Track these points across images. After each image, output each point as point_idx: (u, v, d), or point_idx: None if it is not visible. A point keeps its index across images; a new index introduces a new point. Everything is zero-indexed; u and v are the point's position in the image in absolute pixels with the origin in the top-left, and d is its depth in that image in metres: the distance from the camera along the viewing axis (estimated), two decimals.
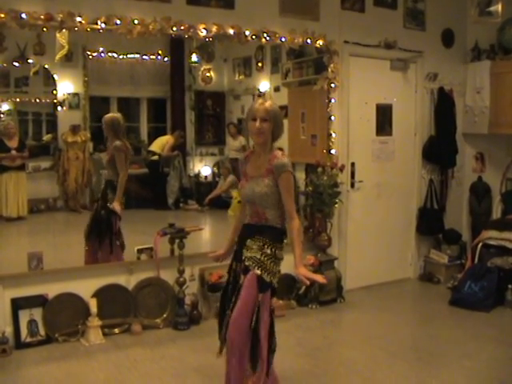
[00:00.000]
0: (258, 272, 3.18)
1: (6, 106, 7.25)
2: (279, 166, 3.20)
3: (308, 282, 3.18)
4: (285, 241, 3.34)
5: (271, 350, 3.29)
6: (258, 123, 3.19)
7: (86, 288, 4.85)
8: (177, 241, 5.18)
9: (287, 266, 3.41)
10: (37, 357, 4.45)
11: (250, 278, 3.21)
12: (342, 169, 5.98)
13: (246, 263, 3.24)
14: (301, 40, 5.64)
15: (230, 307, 3.27)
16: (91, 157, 7.21)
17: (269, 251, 3.23)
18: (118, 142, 5.29)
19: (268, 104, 3.23)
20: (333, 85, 5.93)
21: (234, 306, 3.25)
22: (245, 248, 3.29)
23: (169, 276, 5.21)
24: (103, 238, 5.26)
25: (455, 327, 5.32)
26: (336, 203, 5.93)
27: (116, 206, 5.22)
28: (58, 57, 5.26)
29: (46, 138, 7.57)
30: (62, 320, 4.76)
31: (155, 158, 8.04)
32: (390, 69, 6.48)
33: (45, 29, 4.54)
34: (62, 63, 6.50)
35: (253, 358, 3.19)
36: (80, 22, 4.55)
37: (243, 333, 3.18)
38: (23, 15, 4.35)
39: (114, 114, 5.59)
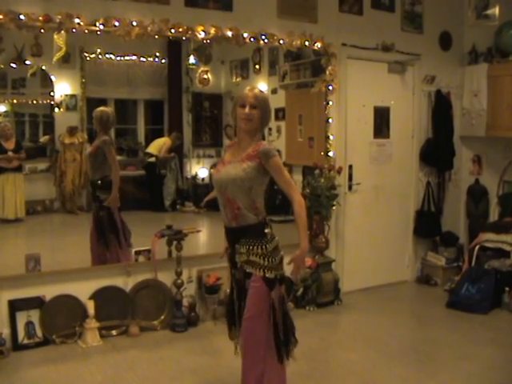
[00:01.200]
0: (261, 273, 3.16)
1: (2, 108, 7.23)
2: (266, 152, 3.14)
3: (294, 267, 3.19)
4: (270, 228, 3.24)
5: (292, 334, 3.33)
6: (247, 109, 3.16)
7: (83, 290, 4.84)
8: (174, 243, 5.18)
9: (284, 268, 3.40)
10: (34, 359, 4.44)
11: (254, 281, 3.18)
12: (339, 171, 5.99)
13: (246, 269, 3.22)
14: (299, 42, 5.64)
15: (242, 308, 3.27)
16: None
17: (259, 250, 3.18)
18: (106, 137, 5.28)
19: (257, 91, 3.24)
20: (330, 87, 5.93)
21: (243, 311, 3.24)
22: (236, 253, 3.26)
23: (166, 278, 5.20)
24: (109, 238, 5.27)
25: (452, 329, 5.32)
26: (333, 205, 5.93)
27: (112, 202, 5.21)
28: (55, 58, 5.26)
29: (43, 139, 7.56)
30: (60, 322, 4.74)
31: (152, 159, 8.03)
32: (387, 71, 6.49)
33: (42, 30, 4.54)
34: (60, 65, 6.50)
35: (279, 351, 3.21)
36: (78, 23, 4.55)
37: (257, 336, 3.18)
38: (21, 16, 4.34)
39: (104, 108, 5.55)
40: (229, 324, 3.48)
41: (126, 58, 7.65)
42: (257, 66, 7.45)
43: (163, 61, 8.00)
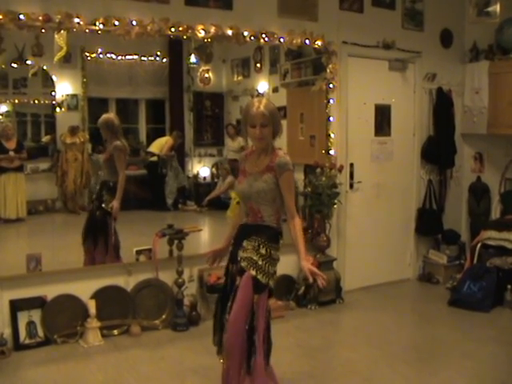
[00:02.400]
0: (253, 273, 3.16)
1: (4, 108, 7.22)
2: (282, 165, 3.19)
3: (311, 279, 3.13)
4: (281, 241, 3.32)
5: (267, 352, 3.27)
6: (257, 130, 3.16)
7: (84, 289, 4.85)
8: (175, 242, 5.18)
9: (286, 267, 3.41)
10: (35, 358, 4.44)
11: (245, 279, 3.19)
12: (340, 169, 5.99)
13: (242, 264, 3.23)
14: (299, 41, 5.64)
15: (228, 311, 3.25)
16: (90, 158, 7.19)
17: (264, 251, 3.21)
18: (118, 142, 5.31)
19: (263, 107, 3.16)
20: (331, 85, 5.93)
21: (230, 308, 3.23)
22: (241, 249, 3.27)
23: (167, 277, 5.21)
24: (98, 239, 5.26)
25: (454, 327, 5.32)
26: (335, 204, 5.93)
27: (115, 205, 5.21)
28: (56, 58, 5.25)
29: (45, 139, 7.56)
30: (61, 321, 4.75)
31: (154, 159, 8.03)
32: (388, 69, 6.48)
33: (43, 30, 4.55)
34: (61, 64, 6.48)
35: (248, 360, 3.18)
36: (78, 23, 4.56)
37: (241, 335, 3.17)
38: (21, 16, 4.35)
39: (107, 115, 5.57)
40: (215, 326, 3.45)
41: (127, 57, 7.65)
42: (258, 65, 7.44)
43: (164, 60, 7.99)
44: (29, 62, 6.51)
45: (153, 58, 7.92)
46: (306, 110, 6.39)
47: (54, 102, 7.12)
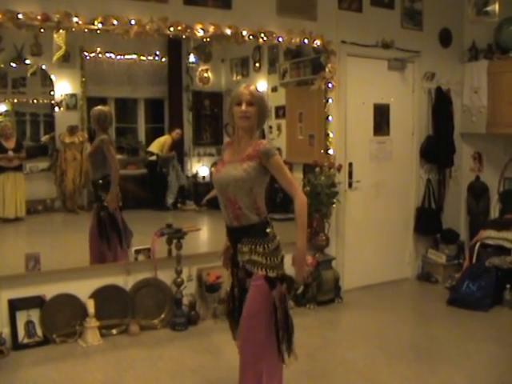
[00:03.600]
0: (262, 272, 3.14)
1: (3, 107, 7.24)
2: (266, 151, 3.11)
3: (294, 267, 3.16)
4: (270, 230, 3.21)
5: (292, 333, 3.32)
6: (243, 107, 3.12)
7: (83, 289, 4.84)
8: (174, 241, 5.18)
9: (284, 266, 3.40)
10: (34, 358, 4.44)
11: (256, 279, 3.16)
12: (339, 169, 5.98)
13: (247, 267, 3.20)
14: (298, 40, 5.64)
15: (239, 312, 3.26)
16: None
17: (261, 249, 3.15)
18: (104, 136, 5.25)
19: (253, 87, 3.20)
20: (330, 85, 5.93)
21: (242, 310, 3.23)
22: (238, 253, 3.24)
23: (166, 276, 5.20)
24: (111, 237, 5.26)
25: (453, 327, 5.32)
26: (334, 203, 5.92)
27: (110, 201, 5.21)
28: (55, 57, 5.27)
29: (44, 138, 7.57)
30: (60, 321, 4.75)
31: (153, 158, 8.04)
32: (387, 69, 6.47)
33: (42, 29, 4.54)
34: (60, 64, 6.49)
35: (280, 350, 3.21)
36: (77, 22, 4.55)
37: (256, 335, 3.15)
38: (20, 15, 4.34)
39: (101, 107, 5.51)
40: (231, 325, 3.45)
41: (126, 56, 7.66)
42: (257, 64, 7.46)
43: (163, 59, 8.01)
44: (28, 62, 6.53)
45: (152, 58, 7.94)
46: (305, 110, 6.40)
47: (52, 102, 7.14)
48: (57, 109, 7.16)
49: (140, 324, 5.03)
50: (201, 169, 8.54)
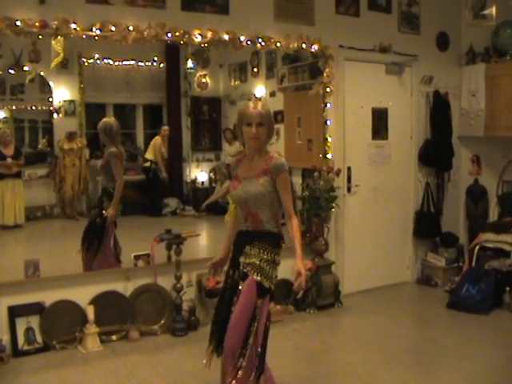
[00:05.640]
0: (258, 278, 3.17)
1: (1, 114, 7.25)
2: (278, 166, 3.21)
3: (294, 279, 3.14)
4: (283, 245, 3.32)
5: (263, 354, 3.24)
6: (253, 129, 3.19)
7: (83, 295, 4.84)
8: (174, 247, 5.18)
9: (285, 271, 3.41)
10: (34, 365, 4.43)
11: (249, 283, 3.19)
12: (338, 173, 5.98)
13: (245, 270, 3.23)
14: (296, 45, 5.66)
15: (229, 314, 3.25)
16: (87, 164, 7.21)
17: (267, 257, 3.22)
18: (113, 149, 5.24)
19: (260, 107, 3.23)
20: (328, 89, 5.94)
21: (232, 312, 3.23)
22: (243, 255, 3.27)
23: (166, 282, 5.20)
24: (98, 246, 5.24)
25: (453, 330, 5.32)
26: (333, 208, 5.93)
27: (110, 213, 5.20)
28: (53, 64, 5.27)
29: (41, 143, 7.57)
30: (60, 327, 4.74)
31: (147, 164, 8.03)
32: (385, 73, 6.48)
33: (40, 36, 4.55)
34: (58, 70, 6.51)
35: (236, 362, 3.16)
36: (75, 28, 4.55)
37: (241, 339, 3.16)
38: (18, 22, 4.35)
39: (107, 119, 5.50)
40: (210, 337, 3.40)
41: (124, 62, 7.68)
42: (255, 69, 7.47)
43: (161, 65, 8.03)
44: (26, 68, 6.54)
45: (150, 64, 7.96)
46: (304, 114, 6.40)
47: (51, 108, 7.14)
48: (55, 115, 7.17)
49: (140, 330, 5.03)
50: (199, 174, 8.54)
